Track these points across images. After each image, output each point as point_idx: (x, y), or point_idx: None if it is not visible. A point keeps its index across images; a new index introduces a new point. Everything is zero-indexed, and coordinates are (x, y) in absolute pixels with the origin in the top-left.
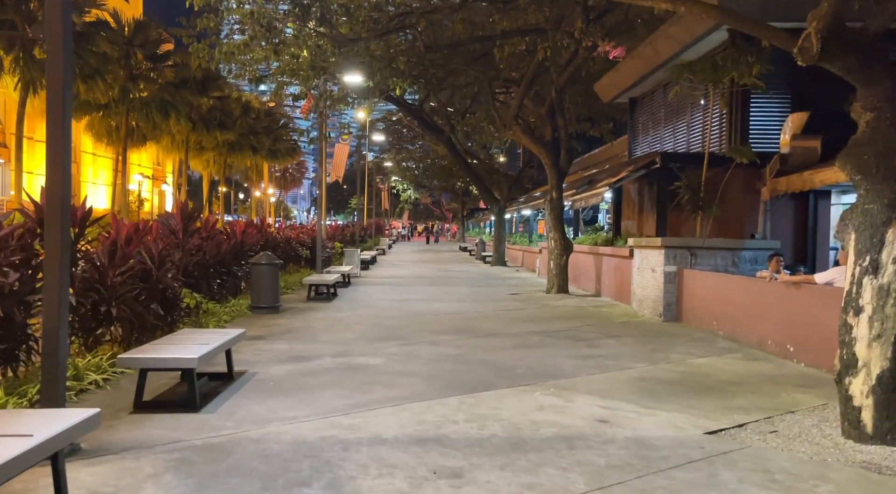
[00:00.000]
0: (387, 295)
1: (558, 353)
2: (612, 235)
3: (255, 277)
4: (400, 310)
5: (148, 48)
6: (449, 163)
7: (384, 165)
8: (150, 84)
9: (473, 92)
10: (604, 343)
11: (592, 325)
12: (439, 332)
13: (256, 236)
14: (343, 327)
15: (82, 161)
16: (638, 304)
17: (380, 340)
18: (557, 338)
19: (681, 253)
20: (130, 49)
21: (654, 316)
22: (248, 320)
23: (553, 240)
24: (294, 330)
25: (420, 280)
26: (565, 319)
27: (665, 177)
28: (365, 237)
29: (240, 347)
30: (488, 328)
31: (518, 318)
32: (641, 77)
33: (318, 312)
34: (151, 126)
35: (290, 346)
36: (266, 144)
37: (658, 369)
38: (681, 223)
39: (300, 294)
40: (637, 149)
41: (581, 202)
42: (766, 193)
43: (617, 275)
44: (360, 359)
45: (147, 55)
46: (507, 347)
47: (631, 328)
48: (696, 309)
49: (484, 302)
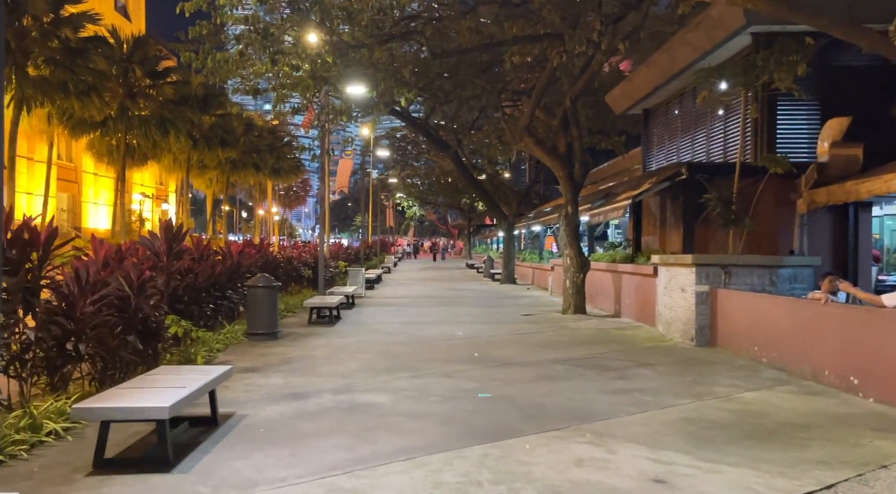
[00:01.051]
0: (394, 318)
1: (587, 387)
2: (632, 252)
3: (252, 301)
4: (408, 335)
5: (147, 65)
6: (454, 179)
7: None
8: (150, 101)
9: (481, 104)
10: (636, 373)
11: (619, 351)
12: (452, 361)
13: (255, 256)
14: (346, 356)
15: (83, 181)
16: (665, 327)
17: (387, 371)
18: (583, 368)
19: (713, 272)
20: (129, 66)
21: (684, 340)
22: (243, 348)
23: (569, 257)
24: (292, 361)
25: (428, 300)
26: (588, 344)
27: (691, 189)
28: (370, 255)
29: (230, 382)
30: (506, 355)
31: (536, 343)
32: (657, 86)
33: (319, 338)
34: (151, 144)
35: (287, 380)
36: (269, 162)
37: (705, 407)
38: (708, 238)
39: (301, 317)
40: (652, 162)
41: (599, 217)
42: (803, 206)
43: (639, 295)
44: (365, 396)
45: (146, 72)
46: (529, 379)
47: (661, 354)
48: (733, 334)
49: (498, 325)
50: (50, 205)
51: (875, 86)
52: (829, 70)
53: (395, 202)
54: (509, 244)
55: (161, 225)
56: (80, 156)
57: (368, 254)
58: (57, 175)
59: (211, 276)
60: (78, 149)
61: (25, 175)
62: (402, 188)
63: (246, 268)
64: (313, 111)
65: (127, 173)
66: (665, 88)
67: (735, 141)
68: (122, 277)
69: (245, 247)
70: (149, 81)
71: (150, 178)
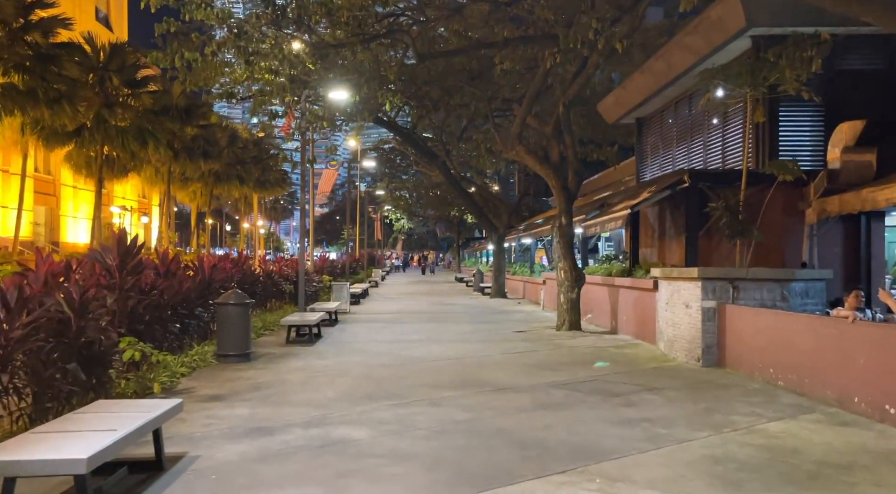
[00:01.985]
0: (378, 336)
1: (592, 416)
2: (629, 265)
3: (222, 320)
4: (393, 356)
5: (125, 73)
6: (443, 191)
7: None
8: (128, 111)
9: (469, 112)
10: (643, 399)
11: (621, 373)
12: (441, 386)
13: (231, 271)
14: (324, 381)
15: (62, 194)
16: (667, 345)
17: (367, 400)
18: (585, 393)
19: (720, 286)
20: (106, 74)
21: (689, 360)
22: (211, 373)
23: (563, 270)
24: (263, 387)
25: (416, 316)
26: (586, 365)
27: (693, 198)
28: (357, 269)
29: (189, 414)
30: (500, 379)
31: (532, 364)
32: (651, 94)
33: (296, 360)
34: (129, 155)
35: (253, 411)
36: (254, 175)
37: (728, 441)
38: (711, 251)
39: (280, 335)
40: (646, 172)
41: (595, 228)
42: (812, 215)
43: (638, 311)
44: (341, 431)
45: (124, 81)
46: (527, 407)
47: (668, 377)
48: (744, 354)
49: (489, 343)
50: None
51: (883, 90)
52: (834, 74)
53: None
54: (500, 257)
55: (113, 237)
56: (58, 168)
57: (355, 268)
58: (34, 188)
59: (178, 293)
60: (56, 162)
61: (0, 187)
62: (389, 200)
63: (219, 284)
64: (293, 117)
65: (108, 186)
66: (660, 95)
67: (733, 148)
68: (61, 296)
69: (220, 262)
70: (127, 90)
71: (133, 191)
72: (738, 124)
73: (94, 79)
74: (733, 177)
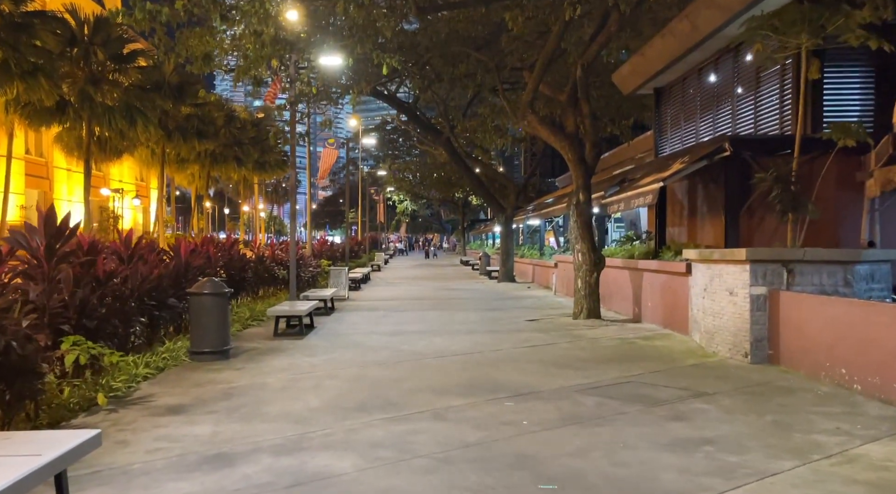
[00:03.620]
0: (377, 327)
1: (637, 436)
2: (654, 246)
3: (196, 312)
4: (392, 351)
5: (110, 47)
6: (447, 172)
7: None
8: (116, 88)
9: (476, 83)
10: (694, 409)
11: (658, 373)
12: (446, 391)
13: (216, 255)
14: (309, 385)
15: (55, 178)
16: (705, 337)
17: (358, 411)
18: (621, 400)
19: (773, 270)
20: (90, 48)
21: (734, 355)
22: (179, 375)
23: (580, 253)
24: (236, 393)
25: (419, 302)
26: (615, 362)
27: (734, 168)
28: (359, 252)
29: (136, 433)
30: (515, 381)
31: (551, 361)
32: (673, 60)
33: (281, 357)
34: (118, 134)
35: (217, 429)
36: (253, 156)
37: (824, 476)
38: (752, 230)
39: (269, 326)
40: (665, 146)
41: (618, 205)
42: (875, 187)
43: (666, 297)
44: (320, 460)
45: (110, 55)
46: (552, 422)
47: (714, 377)
48: (805, 350)
49: (500, 335)
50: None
51: None
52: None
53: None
54: (507, 239)
55: (39, 216)
56: (51, 150)
57: (357, 252)
58: (26, 171)
59: (145, 282)
60: (47, 143)
61: None
62: (392, 181)
63: (198, 270)
64: (279, 84)
65: (103, 168)
66: (683, 61)
67: (768, 115)
68: None
69: (203, 245)
70: (113, 65)
71: (130, 174)
72: (773, 87)
73: (79, 53)
74: (782, 143)
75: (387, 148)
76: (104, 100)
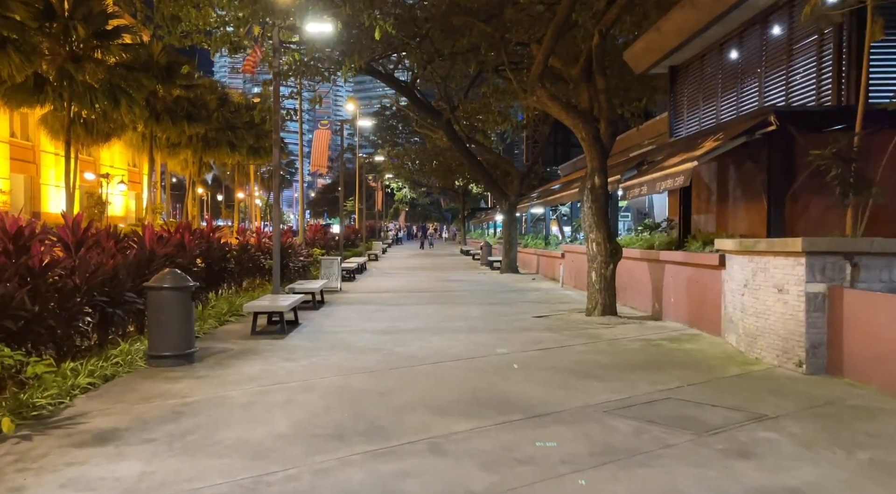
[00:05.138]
0: (368, 323)
1: (698, 485)
2: (678, 235)
3: (154, 309)
4: (383, 355)
5: (92, 23)
6: (447, 158)
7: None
8: (98, 66)
9: (478, 59)
10: (760, 440)
11: (699, 386)
12: (445, 410)
13: (191, 243)
14: (279, 400)
15: (42, 161)
16: (744, 340)
17: (334, 439)
18: (663, 426)
19: (834, 263)
20: (70, 23)
21: (784, 362)
22: (127, 385)
23: (595, 242)
24: (188, 413)
25: (416, 295)
26: (643, 369)
27: (778, 146)
28: (355, 241)
29: (39, 475)
30: (528, 395)
31: (568, 369)
32: (694, 33)
33: (254, 361)
34: (101, 115)
35: (147, 470)
36: (248, 141)
37: None
38: (796, 217)
39: (248, 323)
40: (681, 128)
41: (640, 190)
42: None
43: (693, 292)
44: None
45: (92, 32)
46: (582, 460)
47: (767, 392)
48: (881, 358)
49: (505, 334)
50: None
51: None
52: None
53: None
54: (511, 228)
55: None
56: (38, 134)
57: (354, 241)
58: (11, 154)
59: (96, 273)
60: (32, 126)
61: None
62: (391, 168)
63: (167, 259)
64: (259, 51)
65: (94, 152)
66: (702, 37)
67: (804, 88)
68: None
69: (177, 232)
70: (96, 42)
71: (122, 159)
72: (809, 58)
73: (58, 28)
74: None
75: (385, 134)
76: (86, 79)
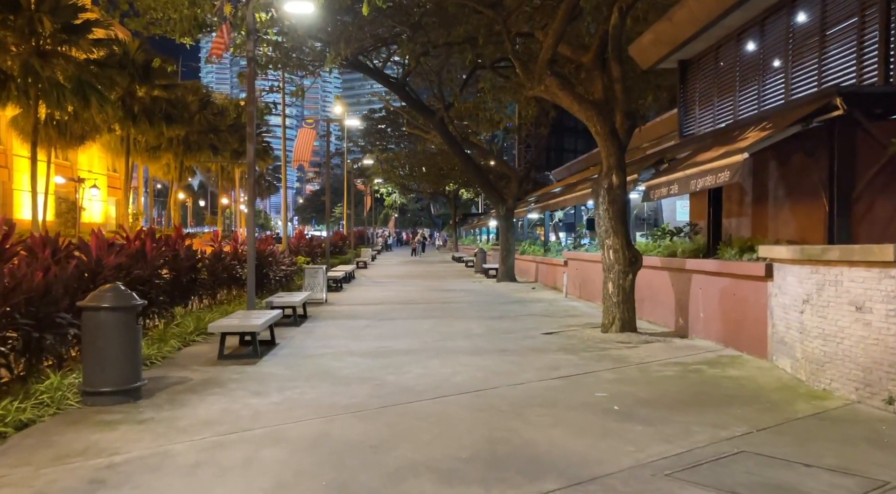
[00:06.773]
0: (356, 343)
1: None
2: (708, 241)
3: (91, 333)
4: (373, 386)
5: (60, 16)
6: (438, 162)
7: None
8: (67, 61)
9: (476, 50)
10: None
11: (771, 432)
12: (454, 475)
13: (153, 253)
14: (237, 460)
15: (15, 166)
16: (805, 367)
17: None
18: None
19: None
20: (36, 16)
21: (868, 398)
22: (45, 435)
23: (612, 249)
24: (108, 483)
25: (409, 308)
26: (691, 407)
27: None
28: (343, 248)
29: None
30: (559, 447)
31: (603, 408)
32: (710, 22)
33: (214, 397)
34: (71, 115)
35: None
36: (232, 144)
37: None
38: (857, 221)
39: (217, 343)
40: (692, 126)
41: (668, 189)
42: None
43: (728, 306)
44: None
45: (60, 26)
46: None
47: (866, 442)
48: None
49: (515, 356)
50: None
51: None
52: None
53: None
54: (508, 234)
55: None
56: (10, 137)
57: (342, 248)
58: None
59: (18, 289)
60: (2, 128)
61: None
62: (380, 172)
63: (113, 273)
64: (228, 31)
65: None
66: (719, 26)
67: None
68: None
69: (137, 239)
70: (64, 36)
71: (100, 163)
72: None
73: (23, 21)
74: None
75: (374, 138)
76: (53, 76)
